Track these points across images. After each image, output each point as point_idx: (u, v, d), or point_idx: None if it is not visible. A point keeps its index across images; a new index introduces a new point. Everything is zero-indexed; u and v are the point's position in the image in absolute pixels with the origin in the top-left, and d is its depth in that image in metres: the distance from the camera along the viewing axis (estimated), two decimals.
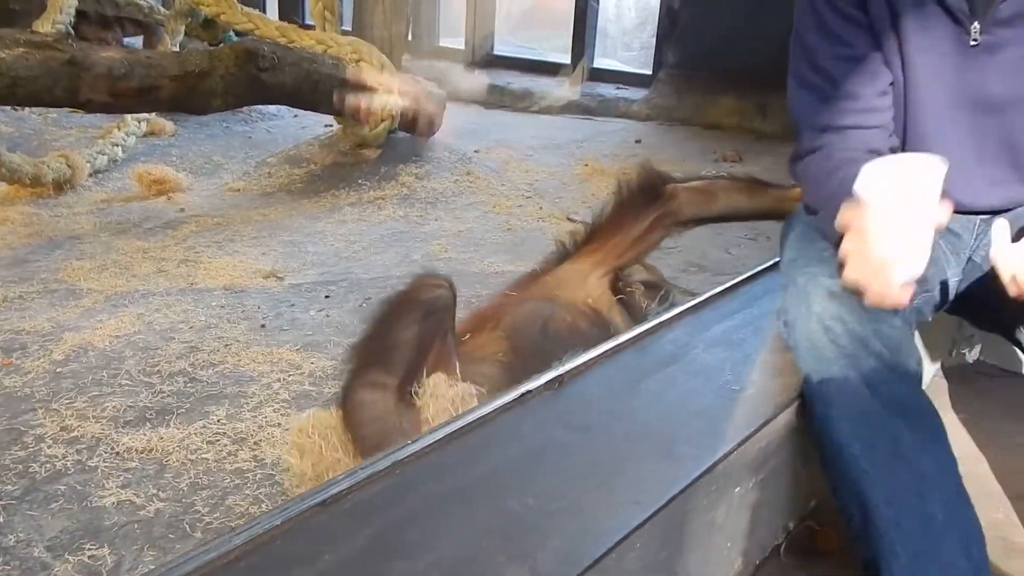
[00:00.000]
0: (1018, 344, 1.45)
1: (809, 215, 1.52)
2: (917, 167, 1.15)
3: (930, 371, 2.16)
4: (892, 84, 1.49)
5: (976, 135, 1.46)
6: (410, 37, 5.81)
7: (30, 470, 1.73)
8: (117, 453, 1.79)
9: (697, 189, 2.11)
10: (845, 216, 1.19)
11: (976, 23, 1.39)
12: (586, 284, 2.00)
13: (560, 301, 1.92)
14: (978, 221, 1.55)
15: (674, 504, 1.19)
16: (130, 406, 1.98)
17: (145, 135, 4.39)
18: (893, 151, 1.50)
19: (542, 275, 2.10)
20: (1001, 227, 1.23)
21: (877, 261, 1.16)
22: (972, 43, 1.40)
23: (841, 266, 1.21)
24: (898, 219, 1.13)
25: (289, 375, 2.13)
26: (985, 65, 1.41)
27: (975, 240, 1.55)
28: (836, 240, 1.22)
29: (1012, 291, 1.21)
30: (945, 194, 1.19)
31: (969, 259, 1.55)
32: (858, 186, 1.16)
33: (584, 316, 1.89)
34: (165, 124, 4.58)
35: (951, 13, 1.40)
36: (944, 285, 1.51)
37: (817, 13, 1.49)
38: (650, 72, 5.62)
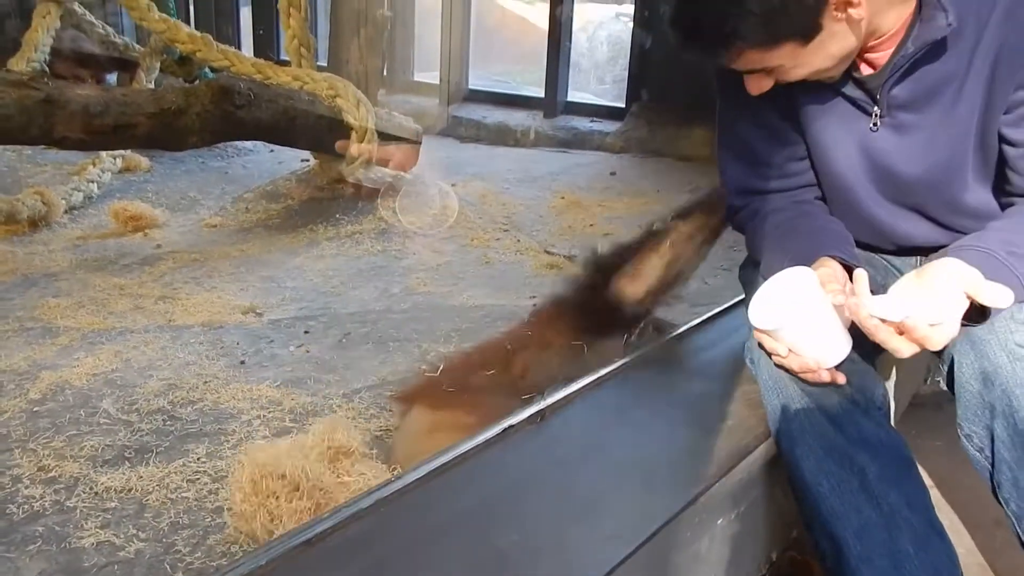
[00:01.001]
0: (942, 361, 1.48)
1: (756, 266, 1.57)
2: (790, 283, 1.29)
3: (904, 400, 2.19)
4: (808, 154, 1.54)
5: (890, 208, 1.52)
6: (385, 72, 5.85)
7: (7, 511, 1.71)
8: (96, 493, 1.78)
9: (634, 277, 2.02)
10: (759, 341, 1.33)
11: (876, 108, 1.42)
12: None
13: None
14: (919, 259, 1.60)
15: (657, 537, 1.20)
16: (108, 445, 1.96)
17: (121, 171, 4.38)
18: (820, 199, 1.56)
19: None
20: (859, 277, 1.26)
21: (800, 367, 1.30)
22: (872, 127, 1.44)
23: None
24: (797, 333, 1.27)
25: (269, 412, 2.13)
26: (888, 146, 1.45)
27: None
28: None
29: (873, 338, 1.24)
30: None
31: None
32: (752, 318, 1.30)
33: None
34: (141, 160, 4.57)
35: (850, 100, 1.44)
36: None
37: (730, 86, 1.54)
38: (623, 105, 5.69)
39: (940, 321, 1.18)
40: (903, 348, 1.22)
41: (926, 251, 1.58)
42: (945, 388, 1.49)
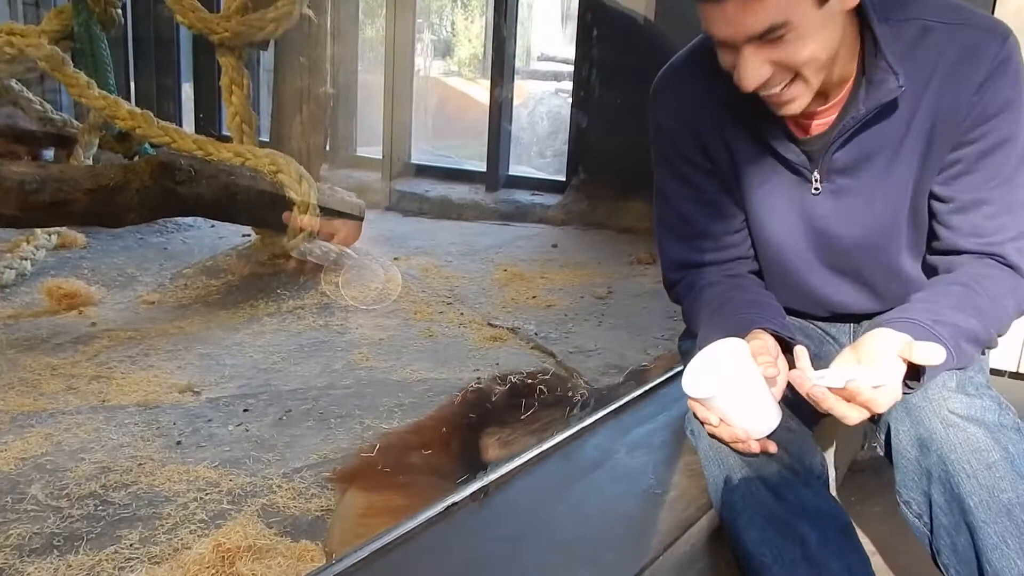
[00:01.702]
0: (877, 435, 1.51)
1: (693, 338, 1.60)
2: (723, 354, 1.32)
3: (843, 466, 2.22)
4: (744, 221, 1.58)
5: (826, 274, 1.56)
6: (328, 148, 5.88)
7: None
8: None
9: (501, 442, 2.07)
10: (693, 409, 1.36)
11: (816, 172, 1.45)
12: None
13: None
14: (852, 326, 1.64)
15: None
16: (36, 533, 1.89)
17: (56, 248, 4.29)
18: (755, 273, 1.60)
19: None
20: (800, 353, 1.30)
21: (730, 437, 1.33)
22: (814, 192, 1.47)
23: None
24: (728, 403, 1.30)
25: (207, 493, 2.07)
26: (827, 211, 1.48)
27: (852, 340, 1.64)
28: None
29: (821, 407, 1.28)
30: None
31: None
32: (685, 387, 1.33)
33: None
34: (77, 236, 4.49)
35: (791, 166, 1.47)
36: None
37: (668, 159, 1.59)
38: (564, 179, 5.79)
39: (882, 383, 1.23)
40: (851, 414, 1.25)
41: (859, 318, 1.62)
42: (882, 455, 1.52)
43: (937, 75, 1.36)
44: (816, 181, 1.46)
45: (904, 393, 1.27)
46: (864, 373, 1.24)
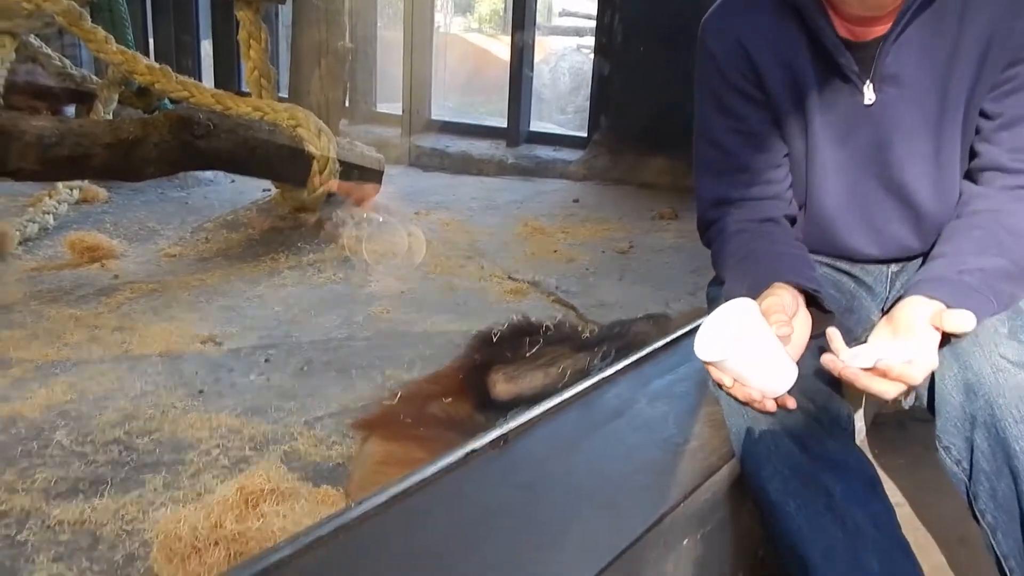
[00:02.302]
0: (918, 396, 1.49)
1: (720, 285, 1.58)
2: (733, 316, 1.31)
3: (868, 419, 2.20)
4: (787, 156, 1.55)
5: (876, 195, 1.53)
6: (347, 103, 5.85)
7: None
8: (48, 526, 1.73)
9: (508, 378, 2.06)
10: (710, 373, 1.35)
11: (868, 82, 1.44)
12: None
13: None
14: (889, 272, 1.61)
15: (623, 559, 1.18)
16: (62, 477, 1.91)
17: (77, 202, 4.31)
18: (789, 219, 1.57)
19: None
20: (832, 335, 1.29)
21: (745, 397, 1.31)
22: (867, 103, 1.46)
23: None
24: (740, 365, 1.29)
25: (229, 441, 2.09)
26: (880, 123, 1.47)
27: (888, 291, 1.62)
28: None
29: (856, 387, 1.26)
30: (844, 248, 1.54)
31: (883, 309, 1.61)
32: (697, 351, 1.32)
33: None
34: (98, 191, 4.50)
35: (844, 75, 1.45)
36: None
37: (712, 89, 1.56)
38: (585, 134, 5.74)
39: (912, 357, 1.22)
40: (888, 390, 1.24)
41: (896, 260, 1.59)
42: (907, 407, 1.50)
43: None
44: (869, 89, 1.44)
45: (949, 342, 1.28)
46: (894, 349, 1.24)
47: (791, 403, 1.30)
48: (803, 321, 1.32)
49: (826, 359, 1.27)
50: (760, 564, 1.63)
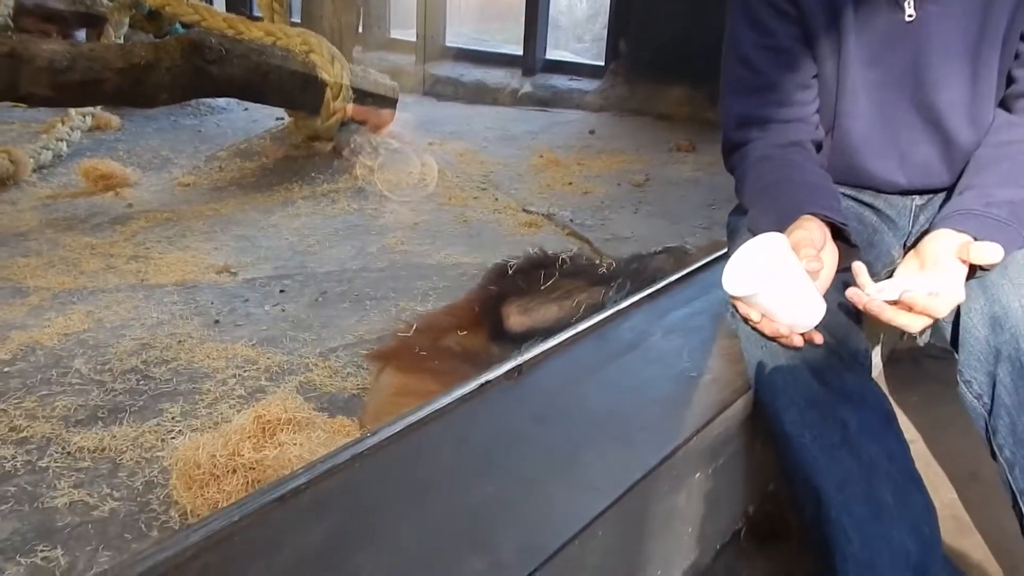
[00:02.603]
0: (941, 331, 1.47)
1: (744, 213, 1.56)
2: (762, 250, 1.28)
3: (883, 354, 2.20)
4: (816, 76, 1.51)
5: (907, 117, 1.49)
6: (360, 29, 5.75)
7: None
8: (68, 453, 1.75)
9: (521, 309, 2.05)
10: (736, 307, 1.31)
11: None
12: None
13: None
14: (912, 205, 1.58)
15: (634, 491, 1.19)
16: (81, 405, 1.94)
17: (90, 130, 4.30)
18: (815, 144, 1.53)
19: None
20: (859, 270, 1.26)
21: (773, 332, 1.28)
22: (908, 19, 1.41)
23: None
24: (769, 300, 1.26)
25: (244, 371, 2.10)
26: (918, 41, 1.42)
27: (912, 224, 1.59)
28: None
29: (881, 319, 1.24)
30: (869, 177, 1.49)
31: (904, 244, 1.58)
32: (725, 285, 1.29)
33: None
34: (111, 118, 4.48)
35: None
36: (891, 271, 1.53)
37: (746, 4, 1.51)
38: (602, 63, 5.64)
39: (938, 289, 1.20)
40: (912, 323, 1.22)
41: (921, 191, 1.56)
42: (923, 344, 1.49)
43: None
44: (909, 7, 1.40)
45: (976, 277, 1.26)
46: (919, 282, 1.22)
47: (818, 338, 1.28)
48: (830, 255, 1.30)
49: (851, 292, 1.25)
50: (770, 497, 1.65)
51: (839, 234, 1.33)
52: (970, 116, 1.45)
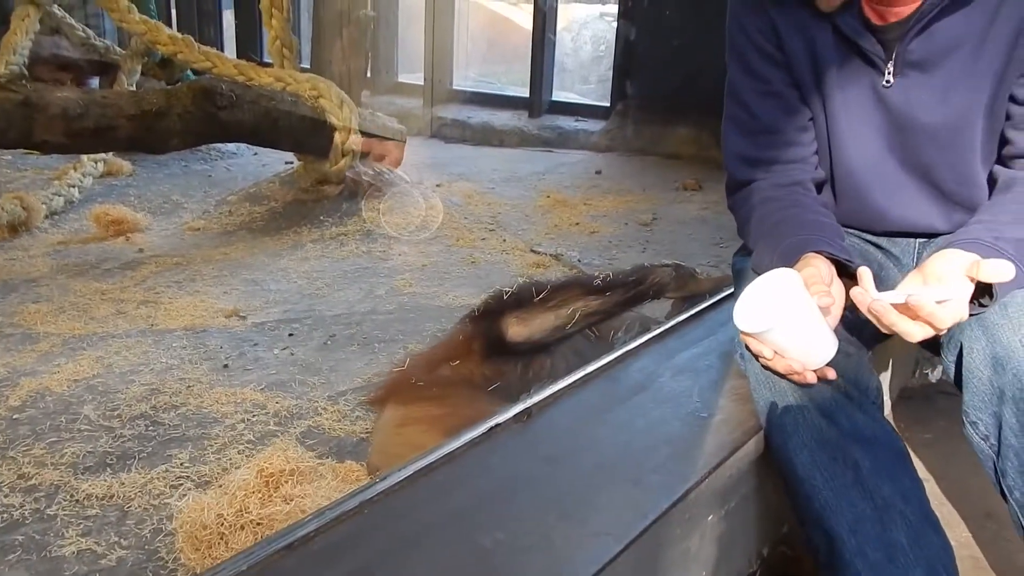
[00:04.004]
0: (945, 370, 1.46)
1: (748, 253, 1.56)
2: (775, 286, 1.27)
3: (894, 393, 2.18)
4: (812, 120, 1.53)
5: (897, 175, 1.50)
6: (369, 73, 5.82)
7: None
8: (77, 500, 1.75)
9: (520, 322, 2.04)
10: (745, 343, 1.31)
11: (890, 65, 1.41)
12: None
13: None
14: (916, 244, 1.58)
15: (647, 535, 1.18)
16: (90, 452, 1.93)
17: (102, 176, 4.34)
18: (817, 183, 1.55)
19: None
20: (863, 274, 1.26)
21: (785, 369, 1.28)
22: (885, 84, 1.43)
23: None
24: (782, 336, 1.25)
25: (253, 415, 2.10)
26: (899, 105, 1.44)
27: (915, 261, 1.59)
28: None
29: (882, 323, 1.24)
30: (869, 221, 1.51)
31: None
32: (737, 322, 1.28)
33: None
34: (122, 164, 4.53)
35: (866, 57, 1.43)
36: None
37: (738, 50, 1.54)
38: (608, 104, 5.68)
39: (946, 299, 1.19)
40: (914, 330, 1.21)
41: (922, 235, 1.57)
42: (941, 380, 1.48)
43: None
44: (889, 73, 1.42)
45: (975, 313, 1.24)
46: (927, 289, 1.21)
47: (831, 374, 1.27)
48: (838, 291, 1.30)
49: (855, 292, 1.24)
50: (785, 539, 1.63)
51: (844, 271, 1.33)
52: (959, 175, 1.47)
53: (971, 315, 1.23)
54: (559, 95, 6.12)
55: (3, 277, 3.11)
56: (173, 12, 6.95)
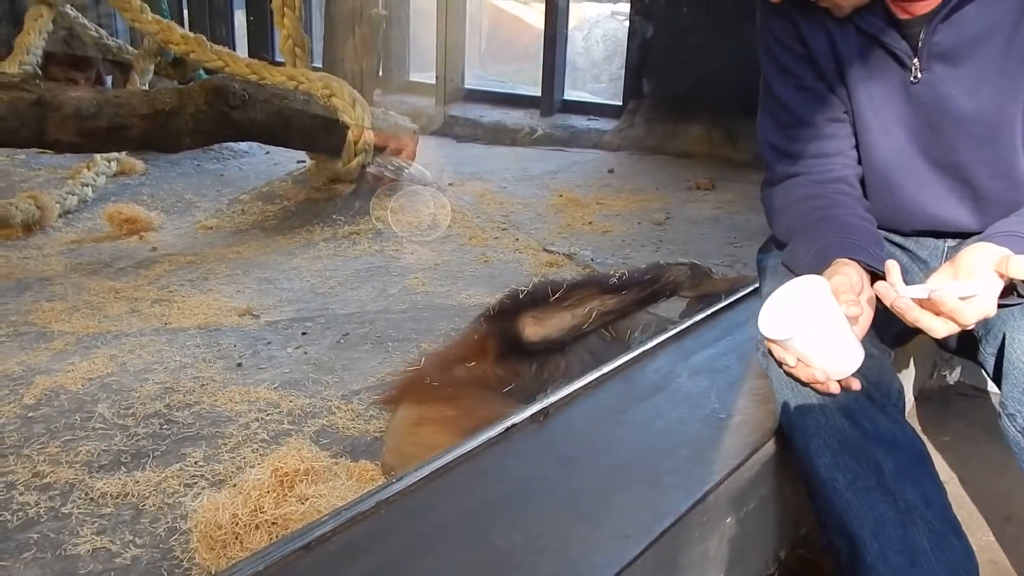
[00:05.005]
0: (981, 365, 1.44)
1: (778, 248, 1.54)
2: (802, 293, 1.26)
3: (913, 394, 2.16)
4: (846, 112, 1.51)
5: (927, 164, 1.47)
6: (381, 72, 5.82)
7: (1, 518, 1.68)
8: (91, 499, 1.75)
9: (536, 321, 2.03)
10: (769, 348, 1.29)
11: (916, 60, 1.39)
12: None
13: None
14: (944, 247, 1.56)
15: (665, 537, 1.16)
16: (104, 450, 1.93)
17: (115, 175, 4.35)
18: (859, 177, 1.52)
19: None
20: (891, 268, 1.24)
21: (808, 378, 1.26)
22: (913, 80, 1.41)
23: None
24: (807, 345, 1.23)
25: (267, 414, 2.10)
26: (928, 100, 1.41)
27: (941, 265, 1.56)
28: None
29: (906, 319, 1.22)
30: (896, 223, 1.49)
31: None
32: (762, 328, 1.27)
33: None
34: (135, 163, 4.54)
35: (891, 52, 1.40)
36: None
37: (768, 48, 1.54)
38: (620, 103, 5.67)
39: (969, 294, 1.17)
40: (937, 327, 1.19)
41: (954, 235, 1.54)
42: (953, 383, 1.46)
43: None
44: (916, 68, 1.39)
45: (1007, 305, 1.23)
46: (952, 284, 1.19)
47: (856, 384, 1.25)
48: (868, 301, 1.27)
49: (880, 287, 1.22)
50: (803, 541, 1.61)
51: (876, 278, 1.31)
52: (997, 172, 1.43)
53: (1002, 307, 1.21)
54: (571, 94, 6.11)
55: (17, 276, 3.11)
56: (185, 12, 6.96)
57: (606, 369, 1.61)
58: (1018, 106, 1.37)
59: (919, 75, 1.39)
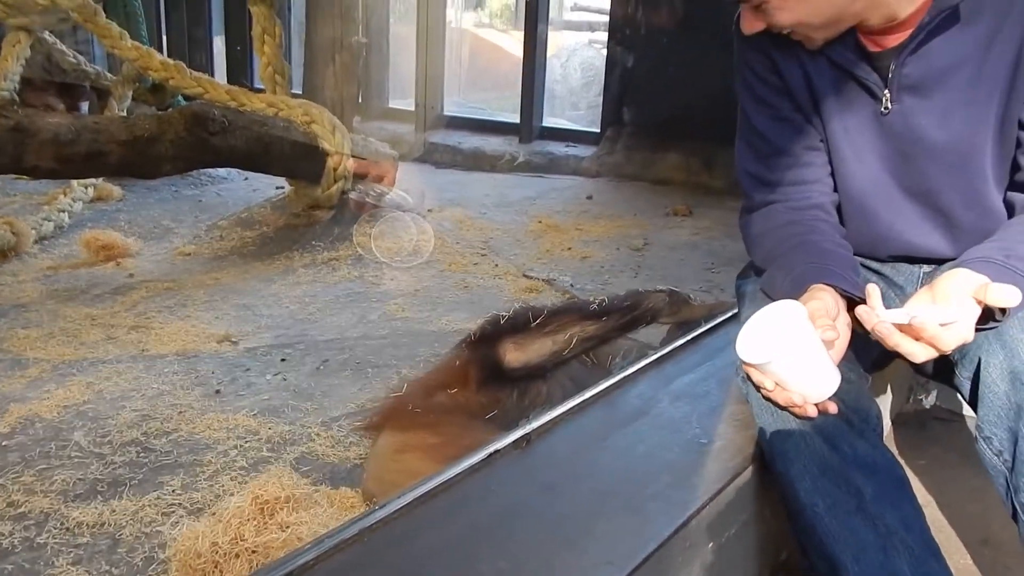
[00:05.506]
0: (957, 389, 1.46)
1: (756, 274, 1.56)
2: (779, 318, 1.27)
3: (889, 419, 2.18)
4: (822, 140, 1.53)
5: (901, 193, 1.50)
6: (361, 99, 5.83)
7: None
8: (67, 528, 1.72)
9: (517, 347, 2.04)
10: (750, 375, 1.31)
11: (887, 91, 1.42)
12: None
13: None
14: (920, 272, 1.58)
15: (649, 563, 1.17)
16: (80, 479, 1.91)
17: (92, 201, 4.33)
18: (835, 204, 1.55)
19: None
20: (872, 291, 1.26)
21: (786, 402, 1.28)
22: (884, 111, 1.44)
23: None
24: (784, 369, 1.25)
25: (246, 441, 2.08)
26: (900, 131, 1.44)
27: (917, 290, 1.58)
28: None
29: (887, 343, 1.23)
30: (872, 249, 1.52)
31: None
32: (739, 352, 1.28)
33: None
34: (112, 189, 4.52)
35: (863, 84, 1.44)
36: None
37: (745, 79, 1.57)
38: (598, 130, 5.71)
39: (950, 321, 1.18)
40: (917, 351, 1.21)
41: (928, 261, 1.57)
42: (928, 407, 1.48)
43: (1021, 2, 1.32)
44: (887, 99, 1.42)
45: (983, 329, 1.24)
46: (932, 310, 1.20)
47: (832, 408, 1.27)
48: (844, 325, 1.29)
49: (861, 311, 1.24)
50: (783, 565, 1.62)
51: (852, 304, 1.33)
52: (968, 200, 1.46)
53: (979, 331, 1.23)
54: (549, 121, 6.15)
55: None
56: (164, 38, 6.96)
57: (588, 395, 1.61)
58: (987, 135, 1.40)
59: (890, 106, 1.43)
